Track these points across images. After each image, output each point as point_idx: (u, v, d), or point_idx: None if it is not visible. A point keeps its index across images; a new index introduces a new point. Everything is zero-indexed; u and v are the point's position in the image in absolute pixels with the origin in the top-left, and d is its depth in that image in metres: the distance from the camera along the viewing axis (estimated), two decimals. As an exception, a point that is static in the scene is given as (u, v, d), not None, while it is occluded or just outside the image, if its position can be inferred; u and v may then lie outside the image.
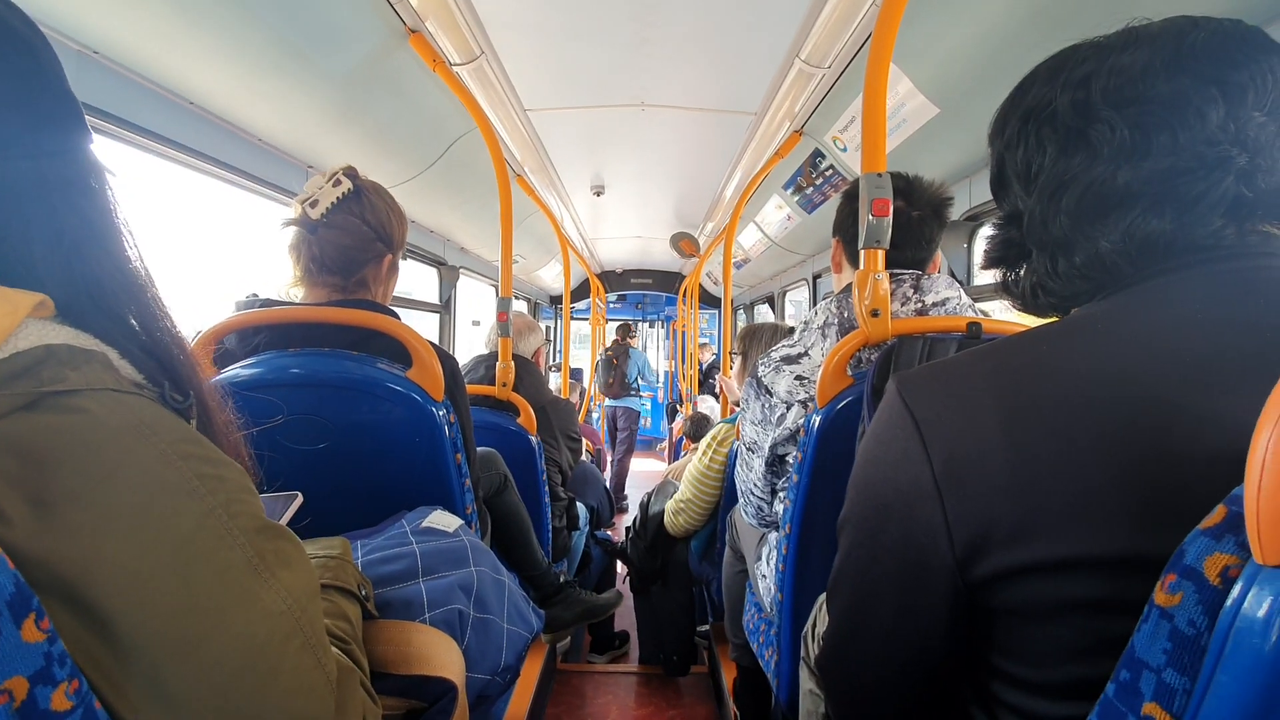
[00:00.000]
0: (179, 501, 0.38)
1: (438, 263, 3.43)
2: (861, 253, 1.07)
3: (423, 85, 1.89)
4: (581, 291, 6.72)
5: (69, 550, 0.33)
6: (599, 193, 3.54)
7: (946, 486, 0.48)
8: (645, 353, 7.16)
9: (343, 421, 1.06)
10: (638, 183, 3.50)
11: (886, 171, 1.07)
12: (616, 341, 6.25)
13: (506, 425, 1.87)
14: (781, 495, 1.23)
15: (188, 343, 0.48)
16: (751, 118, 2.39)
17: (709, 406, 4.83)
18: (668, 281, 7.15)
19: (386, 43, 1.63)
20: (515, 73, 2.05)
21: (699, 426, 4.07)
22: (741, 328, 2.15)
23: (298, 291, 1.17)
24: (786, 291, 4.80)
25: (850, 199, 1.24)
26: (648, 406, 6.45)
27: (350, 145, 2.03)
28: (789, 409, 1.16)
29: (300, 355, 1.08)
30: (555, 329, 7.29)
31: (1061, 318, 0.59)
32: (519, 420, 1.88)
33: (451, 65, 1.84)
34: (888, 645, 0.57)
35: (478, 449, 1.59)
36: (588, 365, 6.98)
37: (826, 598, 0.67)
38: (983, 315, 1.10)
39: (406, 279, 3.28)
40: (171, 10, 1.25)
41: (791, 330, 1.64)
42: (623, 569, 2.57)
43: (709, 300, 7.08)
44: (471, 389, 1.97)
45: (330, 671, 0.46)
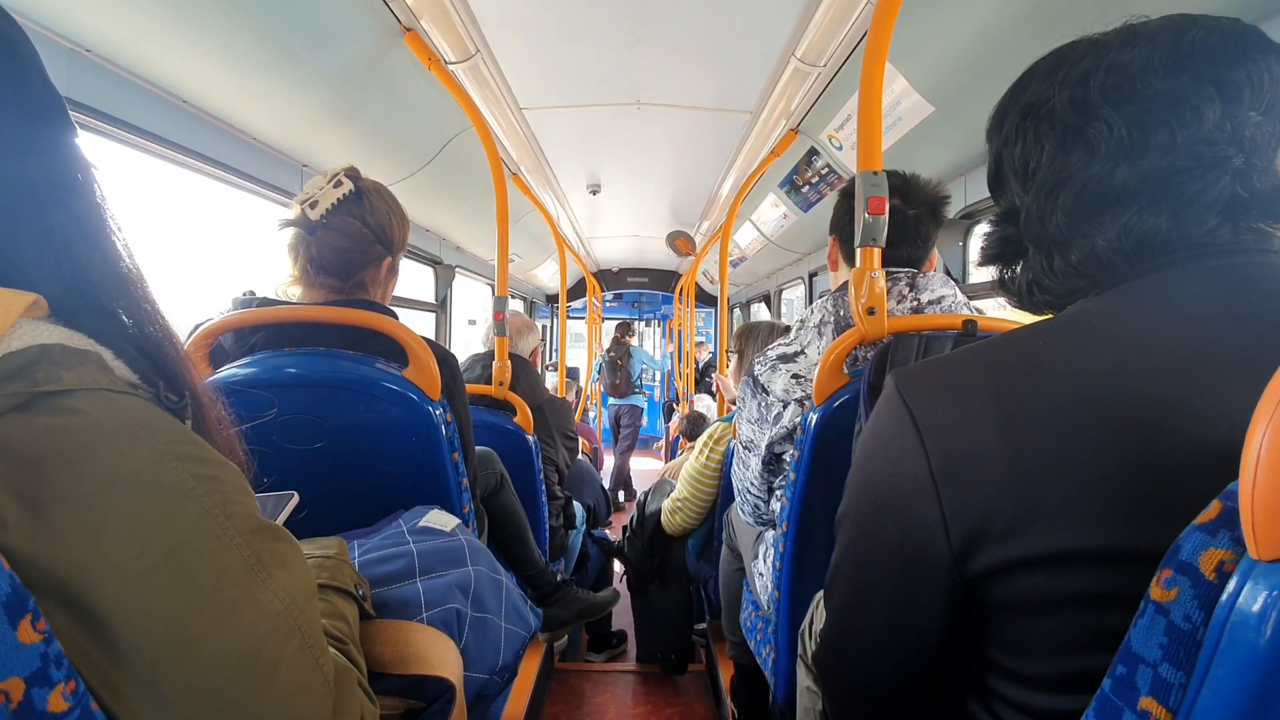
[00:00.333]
0: (175, 502, 0.38)
1: (434, 262, 3.42)
2: (858, 251, 1.07)
3: (418, 84, 1.88)
4: (578, 290, 6.71)
5: (64, 551, 0.33)
6: (595, 191, 3.53)
7: (943, 481, 0.49)
8: (642, 347, 7.18)
9: (339, 421, 1.05)
10: (634, 181, 3.50)
11: (882, 170, 1.08)
12: (617, 340, 6.27)
13: (503, 424, 1.86)
14: (778, 493, 1.23)
15: (182, 342, 0.48)
16: (747, 116, 2.39)
17: (705, 405, 4.84)
18: (664, 280, 7.14)
19: (381, 41, 1.63)
20: (511, 71, 2.04)
21: (695, 425, 4.08)
22: (738, 326, 2.15)
23: (295, 290, 1.16)
24: (783, 290, 4.81)
25: (847, 197, 1.24)
26: (645, 405, 6.50)
27: (345, 144, 2.02)
28: (785, 407, 1.16)
29: (296, 355, 1.07)
30: (551, 328, 7.29)
31: (1057, 315, 0.59)
32: (516, 419, 1.88)
33: (447, 64, 1.83)
34: (885, 640, 0.57)
35: (475, 448, 1.58)
36: (584, 364, 6.99)
37: (824, 594, 0.67)
38: (978, 313, 1.11)
39: (403, 278, 3.27)
40: (164, 8, 1.24)
41: (788, 329, 1.64)
42: (620, 568, 2.57)
43: (705, 299, 7.08)
44: (468, 388, 1.97)
45: (328, 672, 0.46)
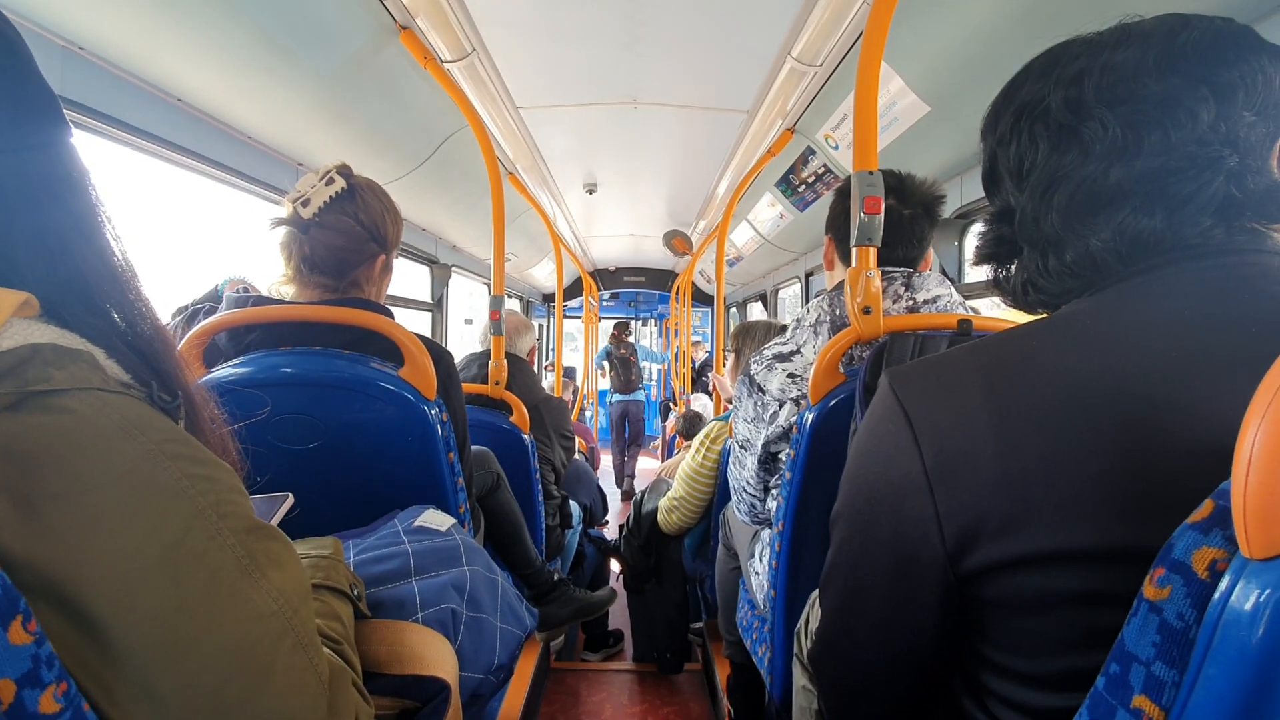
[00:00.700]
0: (168, 502, 0.38)
1: (430, 261, 3.41)
2: (853, 250, 1.07)
3: (413, 83, 1.87)
4: (574, 290, 6.71)
5: (56, 552, 0.33)
6: (591, 191, 3.53)
7: (937, 480, 0.49)
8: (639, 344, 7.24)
9: (334, 421, 1.05)
10: (630, 181, 3.50)
11: (878, 169, 1.08)
12: (618, 339, 6.42)
13: (499, 423, 1.86)
14: (774, 492, 1.23)
15: (175, 342, 0.48)
16: (744, 116, 2.39)
17: (702, 404, 4.84)
18: (661, 280, 7.13)
19: (377, 39, 1.62)
20: (507, 70, 2.04)
21: (692, 424, 4.08)
22: (735, 326, 2.16)
23: (288, 290, 1.15)
24: (779, 289, 4.81)
25: (843, 196, 1.24)
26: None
27: (341, 143, 2.02)
28: (781, 407, 1.16)
29: (291, 354, 1.07)
30: (548, 327, 7.28)
31: (1051, 314, 0.59)
32: (512, 418, 1.88)
33: (443, 63, 1.82)
34: (880, 638, 0.57)
35: (471, 447, 1.58)
36: (580, 363, 6.99)
37: (819, 592, 0.67)
38: (973, 313, 1.11)
39: (399, 277, 3.26)
40: (158, 6, 1.23)
41: (784, 328, 1.65)
42: (616, 567, 2.57)
43: (702, 298, 7.08)
44: (465, 387, 1.97)
45: (322, 672, 0.46)
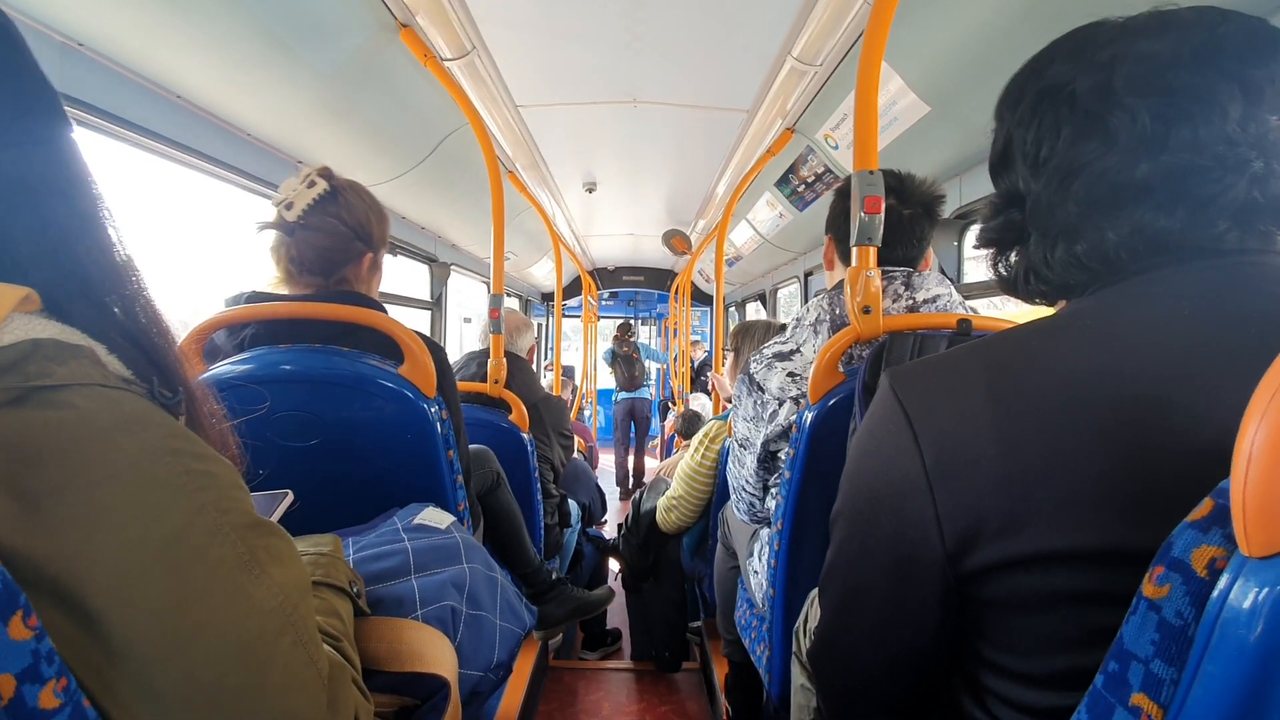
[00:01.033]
0: (168, 498, 0.38)
1: (429, 259, 3.41)
2: (853, 250, 1.07)
3: (413, 81, 1.87)
4: (573, 289, 6.70)
5: (56, 547, 0.33)
6: (591, 189, 3.53)
7: (937, 480, 0.49)
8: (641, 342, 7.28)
9: (334, 418, 1.05)
10: (630, 180, 3.49)
11: (879, 169, 1.08)
12: (620, 338, 6.52)
13: (498, 422, 1.86)
14: (773, 491, 1.23)
15: (176, 338, 0.47)
16: (744, 115, 2.39)
17: (701, 404, 4.84)
18: (659, 279, 7.13)
19: (377, 37, 1.62)
20: (507, 68, 2.03)
21: (691, 424, 4.09)
22: (735, 325, 2.15)
23: (281, 290, 1.17)
24: (778, 289, 4.81)
25: (843, 196, 1.24)
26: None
27: (340, 141, 2.01)
28: (781, 405, 1.16)
29: (291, 351, 1.07)
30: (547, 326, 7.28)
31: (1049, 307, 0.59)
32: (511, 417, 1.88)
33: (443, 60, 1.82)
34: (879, 638, 0.57)
35: (471, 446, 1.58)
36: (579, 363, 7.00)
37: (819, 591, 0.67)
38: (972, 312, 1.11)
39: (397, 276, 3.26)
40: (158, 2, 1.23)
41: (784, 327, 1.65)
42: (615, 566, 2.57)
43: (701, 297, 7.08)
44: (464, 386, 1.97)
45: (322, 668, 0.46)
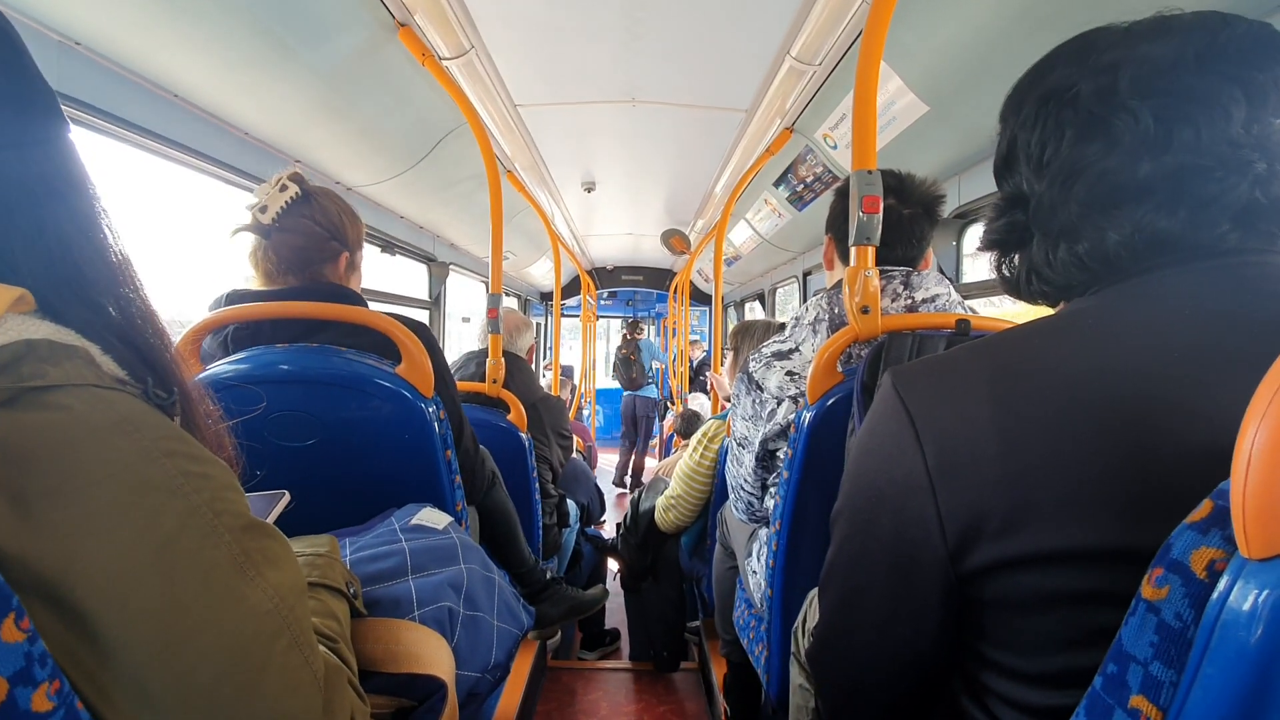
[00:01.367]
0: (162, 499, 0.38)
1: (427, 259, 3.41)
2: (852, 249, 1.07)
3: (411, 80, 1.87)
4: (572, 288, 6.71)
5: (49, 549, 0.33)
6: (590, 189, 3.53)
7: (939, 479, 0.49)
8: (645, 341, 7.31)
9: (331, 418, 1.05)
10: (629, 179, 3.49)
11: (877, 169, 1.07)
12: (626, 338, 6.59)
13: (497, 422, 1.86)
14: (772, 491, 1.23)
15: (171, 338, 0.47)
16: (742, 114, 2.39)
17: (700, 404, 4.85)
18: (658, 278, 7.13)
19: (375, 36, 1.62)
20: (505, 68, 2.03)
21: (690, 423, 4.09)
22: (735, 325, 2.15)
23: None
24: (777, 288, 4.81)
25: (842, 196, 1.24)
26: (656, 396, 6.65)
27: (338, 140, 2.01)
28: (780, 404, 1.16)
29: (288, 351, 1.07)
30: (545, 326, 7.27)
31: (1051, 308, 0.59)
32: (509, 417, 1.87)
33: (441, 60, 1.82)
34: (879, 637, 0.57)
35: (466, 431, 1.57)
36: (578, 362, 7.01)
37: (818, 591, 0.67)
38: (971, 312, 1.11)
39: (396, 275, 3.26)
40: (156, 2, 1.22)
41: (783, 326, 1.65)
42: (613, 566, 2.57)
43: (700, 297, 7.08)
44: (463, 386, 1.97)
45: (318, 670, 0.46)
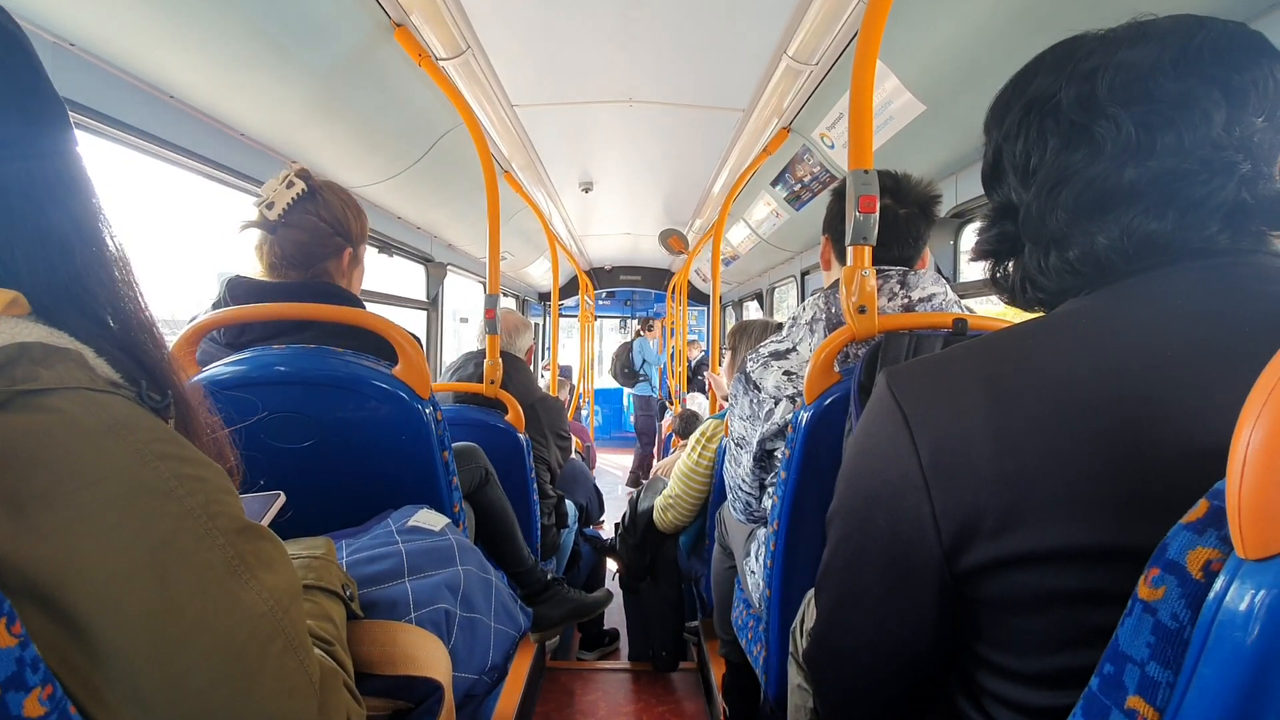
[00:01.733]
0: (156, 502, 0.37)
1: (425, 259, 3.40)
2: (849, 249, 1.07)
3: (408, 80, 1.86)
4: (570, 288, 6.70)
5: (42, 552, 0.33)
6: (587, 189, 3.52)
7: (934, 479, 0.49)
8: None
9: (328, 419, 1.05)
10: (626, 179, 3.49)
11: (874, 169, 1.07)
12: (638, 333, 6.87)
13: (494, 422, 1.85)
14: (770, 491, 1.23)
15: (166, 341, 0.47)
16: (739, 114, 2.39)
17: (698, 404, 4.85)
18: (656, 278, 7.13)
19: (371, 36, 1.61)
20: (502, 68, 2.03)
21: (688, 424, 4.09)
22: (733, 325, 2.15)
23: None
24: (775, 288, 4.81)
25: (839, 196, 1.24)
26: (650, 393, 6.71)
27: (335, 141, 2.00)
28: (777, 404, 1.16)
29: (285, 352, 1.07)
30: (544, 326, 7.27)
31: (1048, 313, 0.59)
32: (507, 417, 1.87)
33: (437, 60, 1.82)
34: (875, 637, 0.57)
35: (459, 443, 1.57)
36: (576, 362, 7.02)
37: (815, 592, 0.67)
38: (968, 311, 1.11)
39: (394, 276, 3.26)
40: (150, 2, 1.22)
41: (780, 326, 1.65)
42: (612, 566, 2.56)
43: (698, 297, 7.08)
44: (461, 386, 1.97)
45: (313, 673, 0.46)
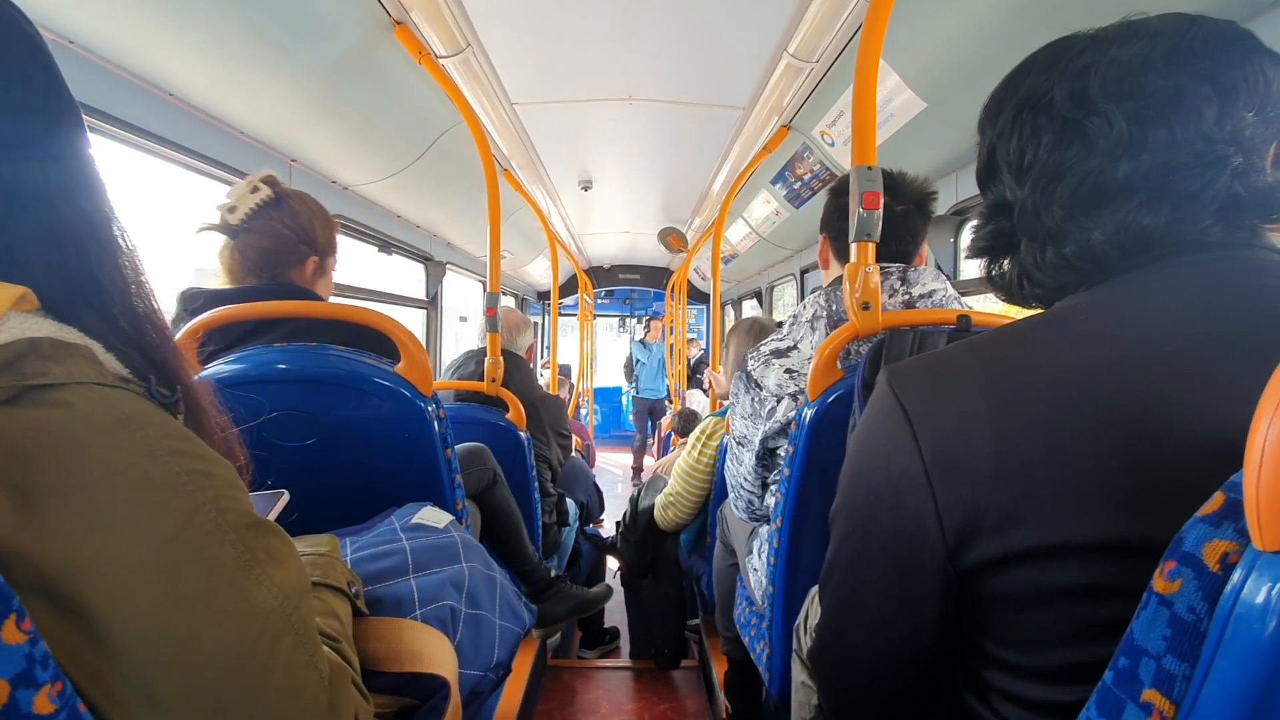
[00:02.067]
0: (166, 497, 0.37)
1: (424, 258, 3.40)
2: (852, 246, 1.07)
3: (408, 78, 1.86)
4: (569, 287, 6.70)
5: (52, 547, 0.32)
6: (586, 188, 3.52)
7: (936, 476, 0.49)
8: (639, 342, 7.35)
9: (330, 417, 1.04)
10: (626, 177, 3.49)
11: (877, 165, 1.07)
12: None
13: (495, 421, 1.85)
14: (773, 489, 1.23)
15: (174, 337, 0.47)
16: (740, 112, 2.39)
17: (698, 402, 4.85)
18: (656, 277, 7.13)
19: (371, 34, 1.61)
20: (502, 66, 2.02)
21: (687, 422, 4.09)
22: (732, 325, 2.15)
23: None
24: (774, 286, 4.81)
25: (836, 195, 1.25)
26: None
27: (334, 139, 2.00)
28: (779, 402, 1.16)
29: (286, 350, 1.06)
30: (543, 325, 7.26)
31: (1046, 309, 0.59)
32: (508, 416, 1.87)
33: (437, 58, 1.81)
34: (880, 635, 0.57)
35: (467, 444, 1.58)
36: (575, 361, 7.03)
37: (818, 590, 0.67)
38: (968, 308, 1.11)
39: (393, 274, 3.25)
40: (150, 0, 1.22)
41: (780, 324, 1.65)
42: (613, 564, 2.57)
43: (697, 296, 7.08)
44: (462, 384, 1.97)
45: (322, 669, 0.46)
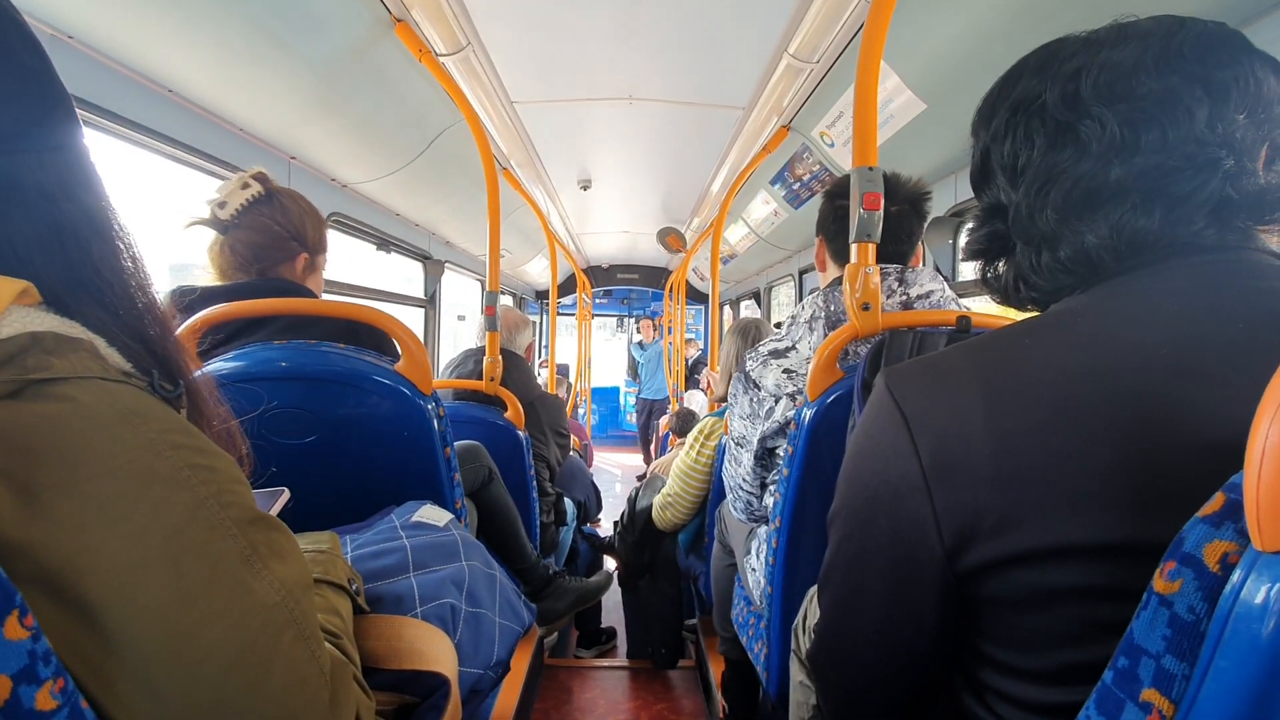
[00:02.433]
0: (169, 492, 0.37)
1: (423, 257, 3.40)
2: (852, 246, 1.08)
3: (408, 76, 1.86)
4: (568, 287, 6.69)
5: (55, 541, 0.32)
6: (586, 187, 3.52)
7: (934, 479, 0.49)
8: (635, 342, 7.36)
9: (330, 415, 1.04)
10: (625, 177, 3.49)
11: (879, 165, 1.08)
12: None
13: (494, 420, 1.85)
14: (771, 489, 1.23)
15: (176, 332, 0.47)
16: (739, 112, 2.39)
17: (696, 403, 4.85)
18: (654, 277, 7.13)
19: (371, 32, 1.61)
20: (502, 64, 2.02)
21: (685, 422, 4.08)
22: (729, 325, 2.16)
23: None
24: (773, 286, 4.82)
25: (831, 197, 1.25)
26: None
27: (333, 136, 2.00)
28: (778, 402, 1.17)
29: (286, 348, 1.06)
30: (541, 324, 7.26)
31: (1042, 311, 0.60)
32: (507, 415, 1.87)
33: (438, 56, 1.81)
34: (879, 637, 0.57)
35: (462, 442, 1.58)
36: (573, 361, 7.03)
37: (817, 592, 0.67)
38: (965, 309, 1.12)
39: (392, 273, 3.25)
40: (150, -6, 1.21)
41: (778, 325, 1.65)
42: (611, 564, 2.57)
43: (695, 296, 7.08)
44: (461, 383, 1.97)
45: (324, 664, 0.46)
